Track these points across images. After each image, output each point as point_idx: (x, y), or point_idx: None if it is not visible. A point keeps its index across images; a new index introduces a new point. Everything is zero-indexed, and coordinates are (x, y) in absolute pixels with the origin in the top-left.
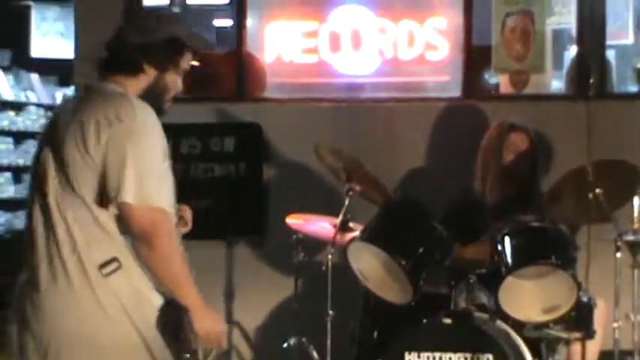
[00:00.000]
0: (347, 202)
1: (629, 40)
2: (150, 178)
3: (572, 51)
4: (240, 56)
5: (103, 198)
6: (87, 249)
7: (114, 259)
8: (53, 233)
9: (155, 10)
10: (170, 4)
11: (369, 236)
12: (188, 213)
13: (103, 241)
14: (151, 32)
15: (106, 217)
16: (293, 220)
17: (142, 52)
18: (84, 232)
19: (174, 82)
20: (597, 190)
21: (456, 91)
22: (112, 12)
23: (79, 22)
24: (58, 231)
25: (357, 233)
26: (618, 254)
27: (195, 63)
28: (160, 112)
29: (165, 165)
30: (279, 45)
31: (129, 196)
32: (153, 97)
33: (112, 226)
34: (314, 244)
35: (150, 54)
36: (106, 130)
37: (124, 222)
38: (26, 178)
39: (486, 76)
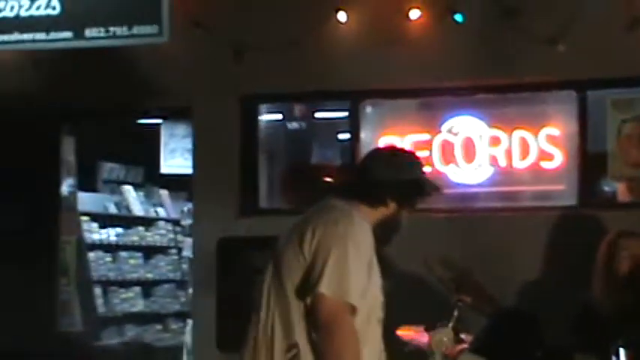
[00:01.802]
0: (456, 313)
1: None
2: (347, 275)
3: None
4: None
5: (303, 290)
6: (279, 332)
7: (295, 345)
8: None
9: (406, 151)
10: (292, 118)
11: (479, 348)
12: None
13: (293, 327)
14: (401, 171)
15: (298, 307)
16: (404, 332)
17: (390, 188)
18: (281, 318)
19: (405, 218)
20: None
21: (571, 200)
22: (227, 129)
23: (196, 139)
24: (263, 314)
25: (466, 345)
26: None
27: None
28: (387, 241)
29: (366, 273)
30: None
31: (324, 287)
32: (387, 227)
33: (300, 314)
34: (425, 356)
35: (397, 191)
36: (321, 232)
37: (311, 312)
38: (156, 291)
39: (603, 183)
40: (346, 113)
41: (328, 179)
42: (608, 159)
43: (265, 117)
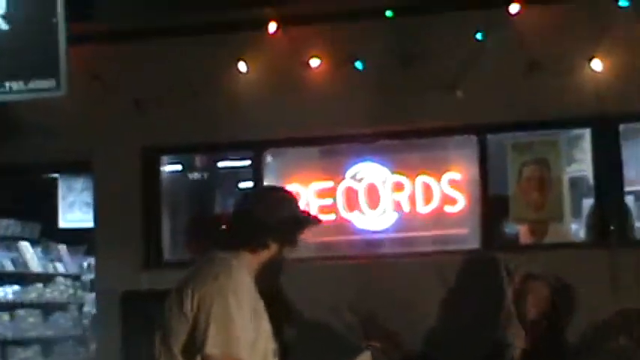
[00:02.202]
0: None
1: None
2: (233, 330)
3: (590, 198)
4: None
5: (190, 352)
6: None
7: None
8: None
9: (278, 190)
10: (194, 168)
11: None
12: None
13: None
14: (277, 211)
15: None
16: None
17: (270, 231)
18: None
19: (287, 255)
20: (622, 340)
21: (475, 243)
22: (129, 182)
23: (97, 192)
24: None
25: None
26: None
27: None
28: (276, 281)
29: (252, 323)
30: None
31: (211, 346)
32: (271, 268)
33: None
34: None
35: (276, 232)
36: (200, 290)
37: None
38: (56, 349)
39: (505, 226)
40: (249, 162)
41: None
42: (510, 202)
43: (166, 168)
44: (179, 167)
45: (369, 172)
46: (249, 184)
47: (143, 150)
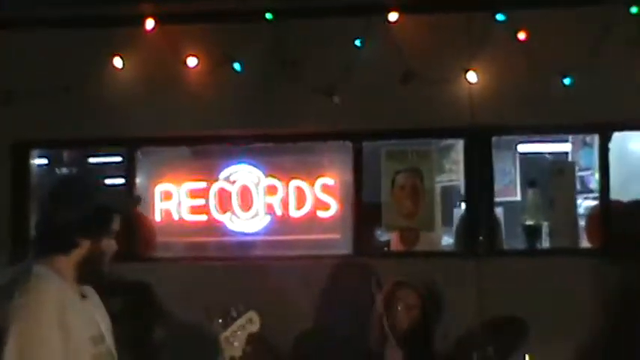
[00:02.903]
0: None
1: (517, 197)
2: (31, 352)
3: (461, 208)
4: (129, 216)
5: None
6: None
7: None
8: None
9: (76, 181)
10: (61, 162)
11: None
12: None
13: None
14: (80, 207)
15: None
16: None
17: (74, 229)
18: None
19: (109, 244)
20: (488, 348)
21: (346, 249)
22: None
23: None
24: None
25: None
26: None
27: None
28: (100, 276)
29: (58, 337)
30: (168, 204)
31: None
32: (91, 265)
33: None
34: None
35: (82, 228)
36: (4, 308)
37: None
38: None
39: (377, 233)
40: (120, 158)
41: None
42: (383, 209)
43: (35, 162)
44: (45, 161)
45: (242, 174)
46: (120, 180)
47: (13, 145)
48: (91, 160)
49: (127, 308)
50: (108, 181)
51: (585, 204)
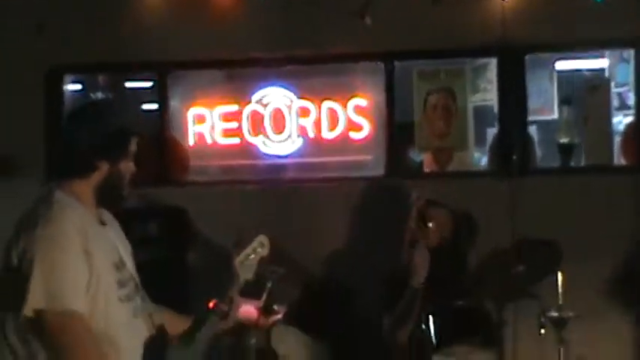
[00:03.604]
0: (269, 284)
1: (554, 115)
2: (55, 281)
3: (494, 128)
4: (163, 140)
5: (15, 307)
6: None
7: None
8: None
9: (93, 104)
10: (96, 87)
11: (293, 319)
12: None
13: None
14: (97, 129)
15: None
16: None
17: (93, 151)
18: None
19: (127, 167)
20: (520, 267)
21: (379, 170)
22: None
23: None
24: None
25: (280, 316)
26: (542, 330)
27: None
28: (120, 200)
29: (84, 264)
30: (201, 128)
31: (34, 304)
32: (110, 188)
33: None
34: (238, 328)
35: (101, 150)
36: (23, 239)
37: (32, 331)
38: None
39: (410, 154)
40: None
41: None
42: (415, 129)
43: (68, 87)
44: (79, 87)
45: (274, 96)
46: (154, 106)
47: (47, 70)
48: (127, 84)
49: (163, 232)
50: (144, 106)
51: (624, 121)
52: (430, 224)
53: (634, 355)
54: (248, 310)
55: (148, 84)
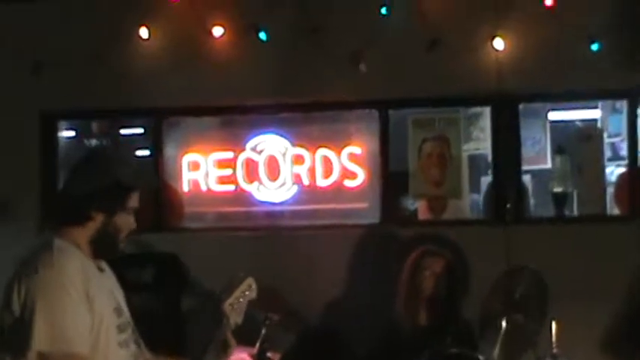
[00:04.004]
0: (264, 331)
1: (547, 164)
2: (62, 323)
3: (489, 176)
4: (158, 187)
5: (15, 353)
6: None
7: None
8: None
9: (98, 155)
10: (90, 134)
11: None
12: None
13: None
14: (95, 180)
15: None
16: None
17: (88, 201)
18: None
19: (125, 221)
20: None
21: (374, 218)
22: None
23: None
24: None
25: None
26: None
27: None
28: (114, 252)
29: (85, 308)
30: (196, 175)
31: (38, 345)
32: (105, 239)
33: None
34: None
35: (96, 201)
36: (25, 285)
37: None
38: None
39: (404, 202)
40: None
41: None
42: (410, 177)
43: (62, 134)
44: (73, 133)
45: (269, 143)
46: (147, 152)
47: (42, 115)
48: (122, 131)
49: (157, 279)
50: (137, 153)
51: (617, 171)
52: (426, 274)
53: None
54: (242, 357)
55: (142, 130)
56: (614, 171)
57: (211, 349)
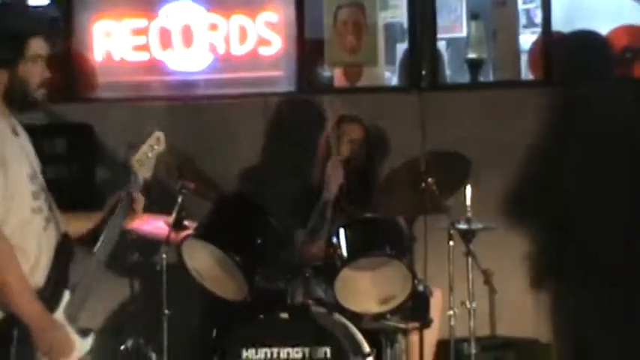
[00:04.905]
0: (180, 199)
1: (463, 33)
2: None
3: (404, 44)
4: (68, 55)
5: None
6: None
7: None
8: None
9: None
10: None
11: (203, 233)
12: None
13: None
14: None
15: None
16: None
17: None
18: None
19: (31, 71)
20: (429, 180)
21: (290, 86)
22: None
23: None
24: None
25: (191, 231)
26: (451, 243)
27: None
28: (30, 104)
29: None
30: (108, 43)
31: None
32: (15, 93)
33: None
34: (148, 244)
35: None
36: None
37: None
38: None
39: (320, 69)
40: None
41: None
42: (325, 45)
43: None
44: None
45: (183, 10)
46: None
47: None
48: None
49: (70, 150)
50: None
51: (531, 39)
52: (343, 139)
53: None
54: (158, 225)
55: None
56: (528, 39)
57: (120, 208)
